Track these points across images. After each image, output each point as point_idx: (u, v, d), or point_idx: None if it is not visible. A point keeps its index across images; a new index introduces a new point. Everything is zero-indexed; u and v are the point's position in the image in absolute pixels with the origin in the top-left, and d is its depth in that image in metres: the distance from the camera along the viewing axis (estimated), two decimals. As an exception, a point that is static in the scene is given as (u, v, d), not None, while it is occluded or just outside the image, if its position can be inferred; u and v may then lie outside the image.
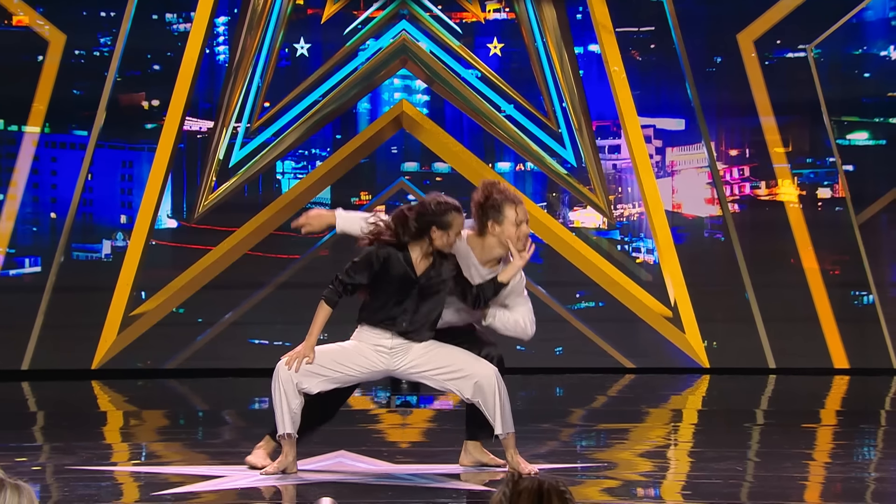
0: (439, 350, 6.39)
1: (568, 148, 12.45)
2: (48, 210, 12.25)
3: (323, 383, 6.33)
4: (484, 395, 6.38)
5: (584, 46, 12.48)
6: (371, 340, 6.36)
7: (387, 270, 6.30)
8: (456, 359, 6.39)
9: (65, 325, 12.02)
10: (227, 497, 6.09)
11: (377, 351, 6.37)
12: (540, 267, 12.37)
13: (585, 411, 9.94)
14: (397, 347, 6.36)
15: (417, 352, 6.38)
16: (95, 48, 12.26)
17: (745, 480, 6.54)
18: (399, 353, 6.37)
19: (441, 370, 6.38)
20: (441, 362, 6.38)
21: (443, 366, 6.38)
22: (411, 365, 6.37)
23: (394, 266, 6.30)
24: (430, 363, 6.37)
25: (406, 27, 12.46)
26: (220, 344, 12.16)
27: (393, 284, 6.31)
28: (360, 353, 6.37)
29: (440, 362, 6.37)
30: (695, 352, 12.32)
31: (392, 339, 6.35)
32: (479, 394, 6.38)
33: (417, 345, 6.38)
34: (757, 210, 12.51)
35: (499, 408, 6.37)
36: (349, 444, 6.88)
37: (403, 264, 6.31)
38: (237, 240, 12.20)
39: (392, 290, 6.32)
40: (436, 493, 6.13)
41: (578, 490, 6.04)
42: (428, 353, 6.38)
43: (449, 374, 6.38)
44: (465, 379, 6.37)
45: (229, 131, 12.31)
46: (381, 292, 6.33)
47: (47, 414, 9.95)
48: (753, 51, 12.50)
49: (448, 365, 6.38)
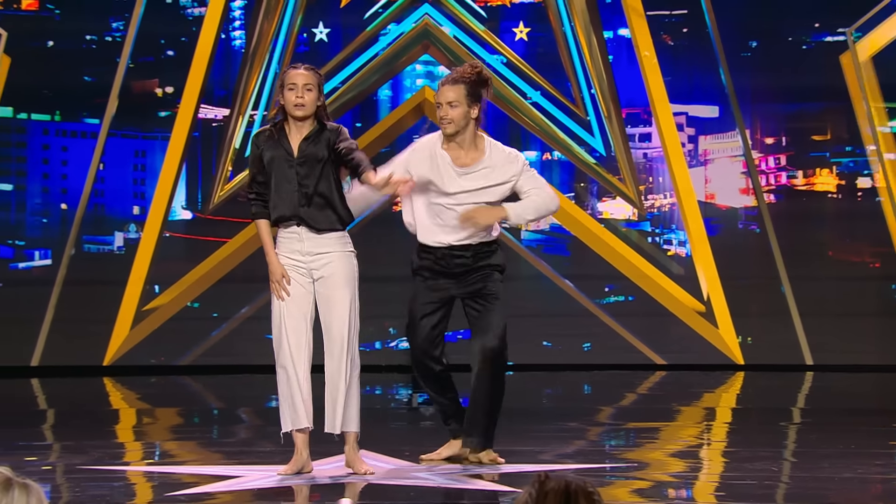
0: (343, 291, 6.40)
1: (597, 136, 12.43)
2: (59, 201, 12.28)
3: (295, 340, 6.41)
4: (333, 369, 6.38)
5: (614, 30, 12.45)
6: (286, 248, 6.47)
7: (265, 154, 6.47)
8: (342, 313, 6.40)
9: (76, 319, 12.06)
10: (243, 498, 6.11)
11: (294, 267, 6.44)
12: (567, 260, 12.36)
13: (614, 409, 9.93)
14: (306, 239, 6.39)
15: (331, 270, 6.40)
16: (107, 33, 12.29)
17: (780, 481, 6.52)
18: (314, 261, 6.41)
19: (323, 309, 6.41)
20: (334, 299, 6.39)
21: (330, 305, 6.39)
22: (324, 280, 6.40)
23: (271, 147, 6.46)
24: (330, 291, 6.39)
25: (429, 11, 12.44)
26: (236, 339, 12.18)
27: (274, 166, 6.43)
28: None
29: (333, 297, 6.39)
30: (728, 348, 12.29)
31: (300, 233, 6.41)
32: (329, 362, 6.37)
33: (334, 262, 6.38)
34: (793, 200, 12.47)
35: (341, 400, 6.37)
36: (370, 443, 6.89)
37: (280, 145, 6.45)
38: (253, 231, 12.14)
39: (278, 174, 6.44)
40: (458, 493, 6.13)
41: (607, 491, 6.04)
42: (336, 282, 6.40)
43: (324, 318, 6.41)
44: (328, 339, 6.40)
45: (245, 119, 12.32)
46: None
47: (57, 412, 9.99)
48: (791, 35, 12.46)
49: (332, 309, 6.40)
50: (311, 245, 6.47)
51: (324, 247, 6.46)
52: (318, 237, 6.46)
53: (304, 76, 6.48)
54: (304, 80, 6.46)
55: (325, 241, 6.46)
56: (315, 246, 6.47)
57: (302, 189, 6.42)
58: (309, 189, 6.42)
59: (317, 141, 6.47)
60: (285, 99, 6.50)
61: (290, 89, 6.48)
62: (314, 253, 6.47)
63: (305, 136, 6.47)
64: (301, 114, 6.46)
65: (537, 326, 12.26)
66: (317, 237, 6.46)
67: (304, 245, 6.48)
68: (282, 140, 6.48)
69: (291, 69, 6.56)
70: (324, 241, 6.46)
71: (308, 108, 6.46)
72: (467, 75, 6.72)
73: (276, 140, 6.50)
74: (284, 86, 6.51)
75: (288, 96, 6.48)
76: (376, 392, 10.82)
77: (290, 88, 6.48)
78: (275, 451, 6.98)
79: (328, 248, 6.46)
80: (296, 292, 6.48)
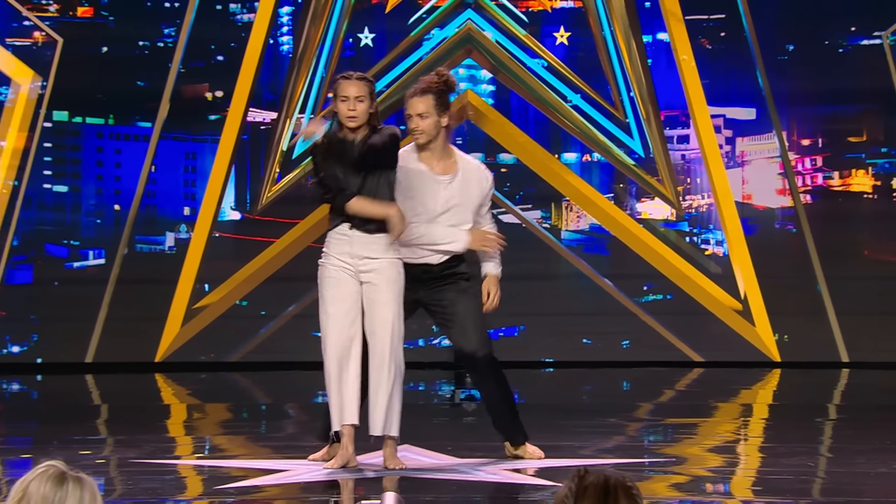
0: (388, 296, 6.40)
1: (636, 138, 12.40)
2: (112, 202, 12.35)
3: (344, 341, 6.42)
4: (375, 374, 6.38)
5: (653, 35, 12.41)
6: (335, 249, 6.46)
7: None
8: (386, 317, 6.40)
9: (128, 317, 12.11)
10: (290, 491, 6.12)
11: (343, 268, 6.42)
12: (607, 259, 12.33)
13: (653, 405, 9.90)
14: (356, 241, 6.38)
15: (377, 275, 6.41)
16: (159, 39, 12.35)
17: (816, 476, 6.49)
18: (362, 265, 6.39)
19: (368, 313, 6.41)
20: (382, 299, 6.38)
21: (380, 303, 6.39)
22: (370, 285, 6.39)
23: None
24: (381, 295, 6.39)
25: (471, 16, 12.44)
26: (284, 337, 12.21)
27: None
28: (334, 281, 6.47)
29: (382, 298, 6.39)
30: (765, 345, 12.23)
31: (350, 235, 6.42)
32: (372, 366, 6.37)
33: (381, 268, 6.38)
34: (830, 201, 12.40)
35: (382, 404, 6.36)
36: (414, 437, 6.90)
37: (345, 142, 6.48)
38: (301, 232, 12.25)
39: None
40: (500, 487, 6.13)
41: (646, 485, 6.02)
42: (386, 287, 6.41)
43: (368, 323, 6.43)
44: (372, 343, 6.40)
45: (293, 122, 12.35)
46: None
47: (111, 407, 10.04)
48: (827, 38, 12.39)
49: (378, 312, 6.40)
50: (359, 248, 6.48)
51: (372, 251, 6.48)
52: (367, 239, 6.46)
53: (355, 87, 6.49)
54: (355, 92, 6.48)
55: (374, 246, 6.47)
56: (363, 249, 6.48)
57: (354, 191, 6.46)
58: (361, 192, 6.45)
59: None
60: (339, 110, 6.51)
61: (343, 101, 6.49)
62: (362, 256, 6.49)
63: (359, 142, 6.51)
64: (353, 125, 6.48)
65: (577, 324, 12.24)
66: (366, 239, 6.46)
67: (353, 248, 6.49)
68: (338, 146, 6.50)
69: (343, 80, 6.56)
70: (372, 244, 6.47)
71: (360, 119, 6.49)
72: (434, 84, 6.70)
73: (333, 146, 6.51)
74: (337, 97, 6.52)
75: (341, 108, 6.51)
76: (419, 388, 10.83)
77: (343, 100, 6.49)
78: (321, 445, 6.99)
79: (376, 252, 6.48)
80: (344, 291, 6.50)
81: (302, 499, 5.98)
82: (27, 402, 10.91)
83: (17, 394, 11.33)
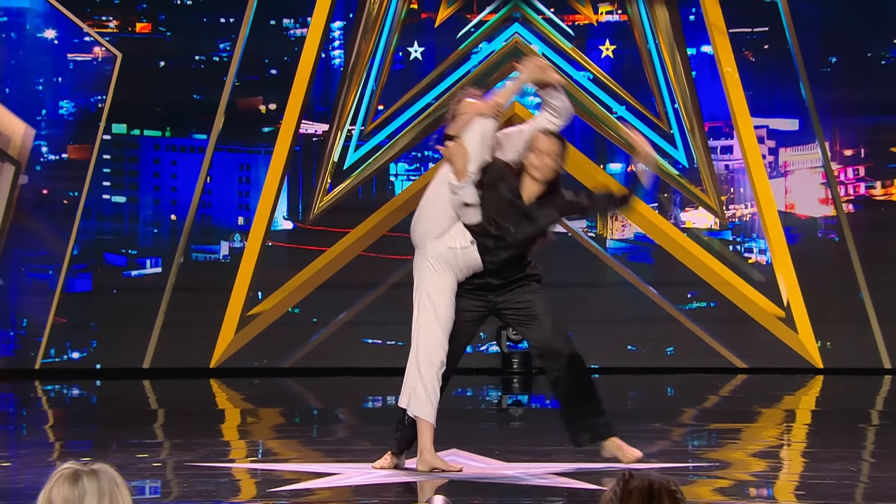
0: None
1: (680, 149, 12.35)
2: (168, 212, 12.41)
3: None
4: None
5: (697, 47, 12.37)
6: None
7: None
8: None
9: (184, 324, 12.17)
10: (341, 494, 6.12)
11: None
12: (651, 267, 12.29)
13: (697, 411, 9.84)
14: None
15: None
16: (215, 53, 12.41)
17: (859, 481, 6.43)
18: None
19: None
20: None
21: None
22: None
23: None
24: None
25: (519, 30, 12.44)
26: (335, 343, 12.23)
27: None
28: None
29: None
30: (808, 352, 12.14)
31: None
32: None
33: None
34: (872, 210, 12.31)
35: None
36: (461, 442, 6.88)
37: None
38: (351, 241, 12.27)
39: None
40: (547, 491, 6.10)
41: (690, 489, 5.98)
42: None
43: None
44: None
45: (344, 134, 12.38)
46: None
47: (167, 411, 10.08)
48: (869, 50, 12.30)
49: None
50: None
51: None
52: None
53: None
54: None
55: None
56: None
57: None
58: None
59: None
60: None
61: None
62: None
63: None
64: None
65: (623, 331, 12.20)
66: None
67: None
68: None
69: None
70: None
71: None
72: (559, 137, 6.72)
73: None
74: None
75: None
76: (467, 394, 10.81)
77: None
78: (371, 449, 6.99)
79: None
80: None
81: (353, 501, 5.98)
82: (87, 407, 10.97)
83: (77, 398, 11.40)
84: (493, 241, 6.40)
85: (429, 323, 6.36)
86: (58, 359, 12.20)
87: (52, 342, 12.19)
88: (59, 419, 9.77)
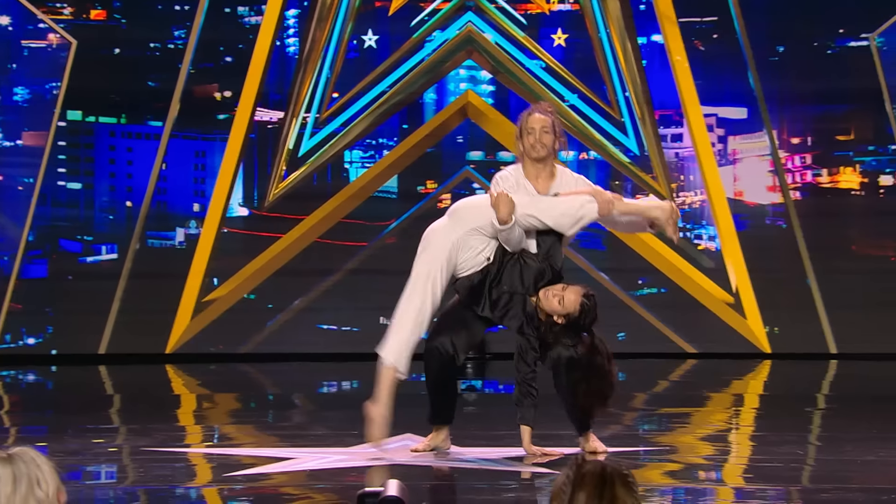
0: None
1: (631, 137, 12.39)
2: (124, 199, 12.35)
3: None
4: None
5: (648, 36, 12.41)
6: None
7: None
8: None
9: (140, 310, 12.13)
10: (296, 478, 6.12)
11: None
12: (603, 254, 12.33)
13: (648, 396, 9.90)
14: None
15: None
16: (170, 41, 12.34)
17: (806, 464, 6.49)
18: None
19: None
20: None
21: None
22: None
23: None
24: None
25: (472, 18, 12.44)
26: (291, 329, 12.22)
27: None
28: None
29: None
30: (756, 337, 12.23)
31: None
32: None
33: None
34: (819, 197, 12.40)
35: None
36: (415, 426, 6.90)
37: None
38: (307, 227, 12.25)
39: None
40: (500, 475, 6.13)
41: (641, 473, 6.02)
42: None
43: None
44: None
45: (299, 121, 12.35)
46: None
47: (123, 397, 10.05)
48: (816, 40, 12.38)
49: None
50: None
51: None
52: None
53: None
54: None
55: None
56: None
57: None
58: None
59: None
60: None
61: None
62: None
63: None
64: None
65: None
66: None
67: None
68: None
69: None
70: None
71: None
72: (552, 111, 6.81)
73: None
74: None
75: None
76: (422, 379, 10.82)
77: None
78: (327, 434, 7.00)
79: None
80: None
81: (308, 486, 5.98)
82: (42, 392, 10.92)
83: (33, 384, 11.34)
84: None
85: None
86: (13, 344, 12.13)
87: (7, 328, 12.11)
88: (14, 405, 9.72)
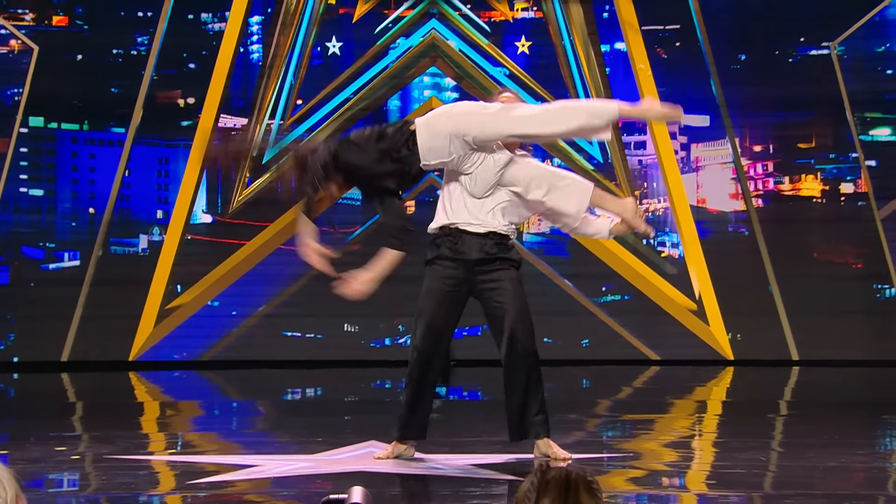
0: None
1: (594, 144, 12.42)
2: (87, 205, 12.29)
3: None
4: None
5: (611, 44, 12.44)
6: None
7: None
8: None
9: (103, 317, 12.07)
10: (260, 485, 6.10)
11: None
12: (567, 261, 12.36)
13: (611, 402, 9.91)
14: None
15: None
16: (133, 47, 12.30)
17: (768, 470, 6.51)
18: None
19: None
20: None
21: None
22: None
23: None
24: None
25: (436, 26, 12.44)
26: (254, 336, 12.18)
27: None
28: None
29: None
30: (719, 344, 12.27)
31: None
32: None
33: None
34: (780, 205, 12.46)
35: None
36: (379, 433, 6.88)
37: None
38: (271, 234, 12.22)
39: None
40: (465, 482, 6.12)
41: (605, 479, 6.02)
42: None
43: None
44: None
45: (263, 128, 12.32)
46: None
47: (86, 404, 9.99)
48: (777, 48, 12.45)
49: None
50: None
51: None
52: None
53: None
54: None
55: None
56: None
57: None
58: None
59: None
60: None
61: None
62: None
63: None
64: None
65: (538, 324, 12.07)
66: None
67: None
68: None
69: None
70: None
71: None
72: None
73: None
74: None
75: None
76: (386, 386, 10.80)
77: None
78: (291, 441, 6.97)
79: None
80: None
81: (272, 493, 5.96)
82: (4, 400, 10.84)
83: (-6, 392, 11.26)
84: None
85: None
86: (-26, 352, 12.04)
87: (-32, 335, 12.04)
88: (-24, 413, 9.64)
